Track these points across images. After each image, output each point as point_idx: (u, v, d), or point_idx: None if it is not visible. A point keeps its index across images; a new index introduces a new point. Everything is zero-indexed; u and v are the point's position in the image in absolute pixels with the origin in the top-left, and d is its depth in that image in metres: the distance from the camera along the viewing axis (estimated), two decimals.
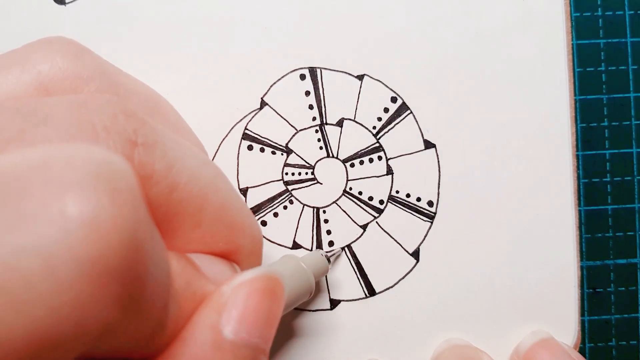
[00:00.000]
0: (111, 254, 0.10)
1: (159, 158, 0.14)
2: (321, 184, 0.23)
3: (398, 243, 0.23)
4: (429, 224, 0.23)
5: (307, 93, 0.23)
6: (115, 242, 0.10)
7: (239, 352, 0.13)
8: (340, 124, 0.23)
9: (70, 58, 0.16)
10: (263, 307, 0.14)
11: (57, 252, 0.09)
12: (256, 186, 0.23)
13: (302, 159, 0.23)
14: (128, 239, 0.10)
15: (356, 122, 0.23)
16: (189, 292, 0.14)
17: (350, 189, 0.23)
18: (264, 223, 0.23)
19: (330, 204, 0.23)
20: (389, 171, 0.23)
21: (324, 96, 0.23)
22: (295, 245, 0.23)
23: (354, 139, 0.23)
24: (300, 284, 0.20)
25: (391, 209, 0.23)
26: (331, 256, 0.23)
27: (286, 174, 0.23)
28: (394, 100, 0.23)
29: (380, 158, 0.23)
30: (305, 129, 0.23)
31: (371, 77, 0.23)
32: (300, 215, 0.23)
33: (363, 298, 0.23)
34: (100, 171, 0.10)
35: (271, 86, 0.23)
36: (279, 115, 0.23)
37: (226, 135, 0.23)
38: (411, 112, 0.23)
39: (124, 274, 0.10)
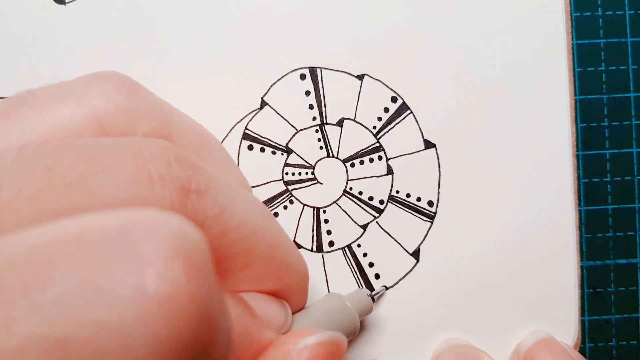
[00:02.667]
0: (186, 331, 0.10)
1: (211, 203, 0.14)
2: (321, 184, 0.23)
3: (398, 243, 0.23)
4: (429, 224, 0.23)
5: (307, 93, 0.23)
6: (192, 319, 0.10)
7: None
8: (340, 123, 0.23)
9: (126, 94, 0.16)
10: None
11: (134, 330, 0.10)
12: (256, 186, 0.23)
13: (302, 158, 0.23)
14: (203, 315, 0.10)
15: (356, 122, 0.23)
16: (247, 341, 0.14)
17: (351, 188, 0.23)
18: None
19: (330, 204, 0.23)
20: (389, 171, 0.23)
21: (324, 96, 0.23)
22: (295, 245, 0.23)
23: (354, 139, 0.23)
24: (346, 325, 0.20)
25: (391, 209, 0.23)
26: (375, 295, 0.22)
27: (286, 173, 0.23)
28: (394, 100, 0.23)
29: (380, 158, 0.23)
30: (305, 128, 0.23)
31: (371, 77, 0.23)
32: (301, 215, 0.23)
33: None
34: (178, 244, 0.11)
35: (271, 86, 0.23)
36: (279, 115, 0.23)
37: (226, 135, 0.23)
38: (411, 112, 0.23)
39: (196, 347, 0.10)
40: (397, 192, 0.23)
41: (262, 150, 0.23)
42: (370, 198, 0.23)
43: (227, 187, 0.15)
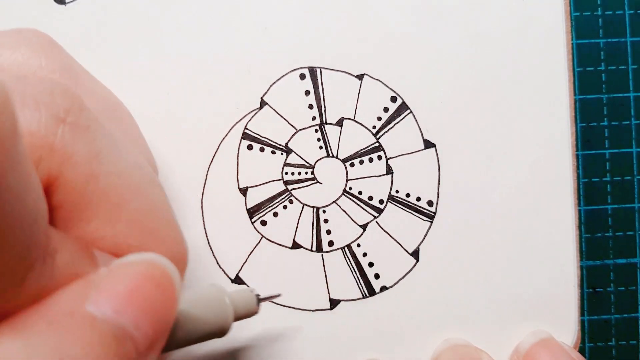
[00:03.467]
0: None
1: (85, 142, 0.14)
2: (321, 183, 0.23)
3: (398, 243, 0.23)
4: (429, 223, 0.23)
5: (307, 93, 0.23)
6: None
7: (96, 326, 0.12)
8: (340, 123, 0.23)
9: (36, 48, 0.16)
10: (140, 290, 0.13)
11: None
12: (256, 186, 0.23)
13: (302, 158, 0.23)
14: None
15: (356, 121, 0.23)
16: (70, 270, 0.13)
17: (350, 188, 0.23)
18: (263, 223, 0.23)
19: (330, 204, 0.23)
20: (389, 171, 0.23)
21: (323, 96, 0.23)
22: (295, 245, 0.23)
23: (354, 139, 0.23)
24: (212, 316, 0.17)
25: (391, 209, 0.23)
26: (264, 299, 0.20)
27: (286, 173, 0.23)
28: (393, 99, 0.23)
29: (380, 158, 0.23)
30: (305, 128, 0.23)
31: (371, 77, 0.23)
32: (300, 215, 0.23)
33: (362, 298, 0.23)
34: None
35: (271, 86, 0.23)
36: (279, 114, 0.23)
37: (226, 135, 0.23)
38: (411, 112, 0.23)
39: None
40: (397, 191, 0.23)
41: (262, 150, 0.23)
42: (370, 198, 0.23)
43: (113, 141, 0.15)
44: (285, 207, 0.23)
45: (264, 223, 0.23)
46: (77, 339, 0.12)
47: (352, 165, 0.23)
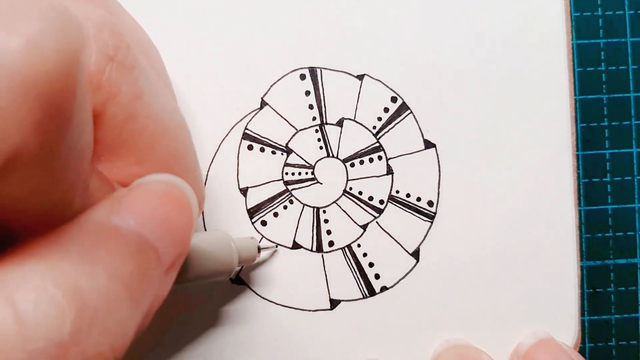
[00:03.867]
0: (43, 76, 0.10)
1: (130, 82, 0.14)
2: (321, 183, 0.23)
3: (398, 243, 0.23)
4: (429, 223, 0.23)
5: (307, 93, 0.23)
6: (52, 66, 0.10)
7: (122, 237, 0.13)
8: (340, 123, 0.23)
9: None
10: (160, 207, 0.14)
11: None
12: (256, 186, 0.23)
13: (302, 158, 0.23)
14: (65, 70, 0.10)
15: (356, 122, 0.23)
16: (98, 197, 0.14)
17: (350, 188, 0.23)
18: (264, 223, 0.23)
19: (330, 204, 0.23)
20: (389, 171, 0.23)
21: (324, 96, 0.23)
22: (295, 245, 0.23)
23: (354, 139, 0.23)
24: (220, 255, 0.19)
25: (391, 209, 0.23)
26: (264, 248, 0.22)
27: (286, 173, 0.23)
28: (394, 100, 0.23)
29: (380, 158, 0.23)
30: (305, 128, 0.23)
31: (371, 77, 0.23)
32: (300, 215, 0.23)
33: (363, 298, 0.23)
34: (57, 10, 0.11)
35: (271, 86, 0.23)
36: (279, 115, 0.23)
37: (226, 135, 0.23)
38: (411, 112, 0.23)
39: (50, 99, 0.10)
40: (397, 192, 0.23)
41: (262, 150, 0.23)
42: (370, 198, 0.23)
43: (154, 82, 0.15)
44: (285, 207, 0.23)
45: (264, 223, 0.23)
46: (105, 247, 0.13)
47: (352, 165, 0.23)
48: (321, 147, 0.23)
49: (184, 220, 0.15)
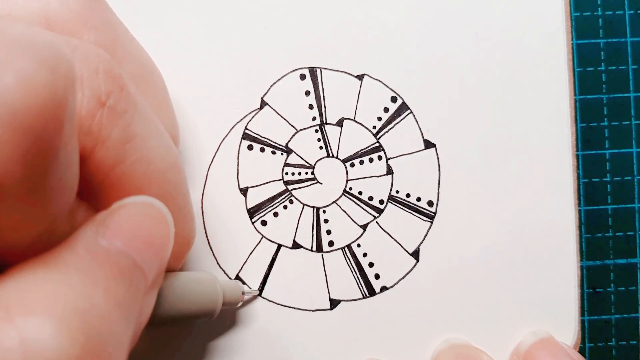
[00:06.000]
0: (33, 110, 0.10)
1: (121, 127, 0.14)
2: (321, 183, 0.23)
3: (398, 243, 0.23)
4: (429, 223, 0.23)
5: (307, 93, 0.23)
6: (41, 102, 0.10)
7: (113, 258, 0.13)
8: (340, 123, 0.23)
9: (82, 1, 0.16)
10: (142, 227, 0.14)
11: None
12: (256, 186, 0.23)
13: (302, 158, 0.23)
14: (53, 106, 0.11)
15: (356, 121, 0.23)
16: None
17: (350, 188, 0.23)
18: (264, 223, 0.23)
19: (330, 204, 0.23)
20: (389, 171, 0.23)
21: (324, 96, 0.23)
22: (295, 245, 0.23)
23: (354, 139, 0.23)
24: (204, 296, 0.20)
25: (391, 209, 0.23)
26: (247, 293, 0.23)
27: (286, 173, 0.23)
28: (394, 100, 0.23)
29: (380, 158, 0.23)
30: (305, 128, 0.23)
31: (371, 77, 0.23)
32: (300, 215, 0.23)
33: (363, 298, 0.23)
34: (49, 48, 0.11)
35: (271, 86, 0.23)
36: (279, 115, 0.23)
37: (226, 135, 0.23)
38: (411, 112, 0.23)
39: (37, 133, 0.11)
40: (397, 192, 0.23)
41: (262, 150, 0.23)
42: (370, 198, 0.23)
43: (147, 123, 0.16)
44: (285, 207, 0.23)
45: (264, 223, 0.23)
46: (100, 269, 0.13)
47: (352, 165, 0.23)
48: (321, 147, 0.23)
49: (163, 238, 0.15)
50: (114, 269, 0.13)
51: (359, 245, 0.23)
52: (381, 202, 0.23)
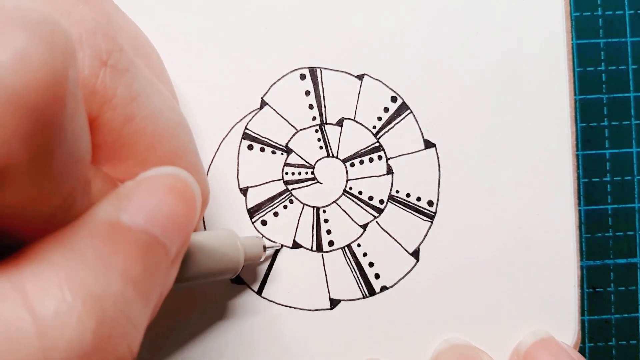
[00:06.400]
0: (31, 89, 0.10)
1: (124, 85, 0.14)
2: (321, 183, 0.23)
3: (398, 243, 0.23)
4: (429, 223, 0.23)
5: (307, 93, 0.23)
6: (40, 79, 0.10)
7: (133, 237, 0.13)
8: (340, 123, 0.23)
9: None
10: (166, 201, 0.14)
11: None
12: (256, 186, 0.23)
13: (302, 158, 0.23)
14: (53, 83, 0.10)
15: (356, 121, 0.23)
16: (101, 198, 0.14)
17: (350, 188, 0.23)
18: (264, 222, 0.23)
19: (330, 204, 0.23)
20: (389, 171, 0.23)
21: (324, 96, 0.23)
22: (295, 245, 0.23)
23: (354, 139, 0.23)
24: (227, 253, 0.19)
25: (391, 209, 0.23)
26: (269, 247, 0.23)
27: (286, 173, 0.23)
28: (394, 99, 0.23)
29: (380, 158, 0.23)
30: (305, 128, 0.23)
31: (371, 77, 0.23)
32: (300, 214, 0.23)
33: (363, 298, 0.23)
34: (45, 22, 0.11)
35: (271, 86, 0.23)
36: (279, 115, 0.23)
37: (226, 135, 0.23)
38: (411, 112, 0.23)
39: (38, 112, 0.10)
40: (397, 191, 0.23)
41: (262, 150, 0.23)
42: (370, 198, 0.23)
43: (149, 81, 0.15)
44: (285, 207, 0.23)
45: (264, 223, 0.23)
46: (117, 248, 0.13)
47: (352, 165, 0.23)
48: (321, 147, 0.23)
49: (188, 212, 0.15)
50: (133, 248, 0.13)
51: (359, 245, 0.23)
52: (381, 202, 0.23)
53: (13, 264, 0.12)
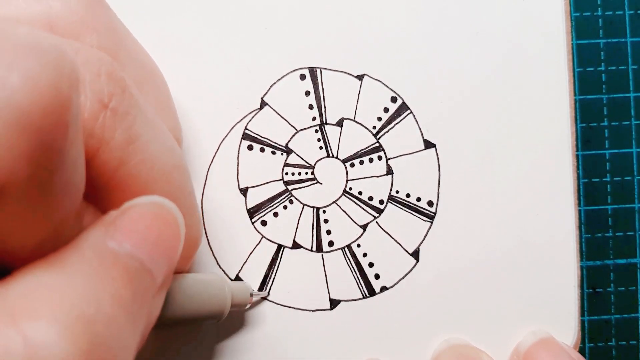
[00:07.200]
0: (38, 111, 0.10)
1: (123, 128, 0.14)
2: (321, 183, 0.23)
3: (398, 243, 0.23)
4: (429, 224, 0.23)
5: (307, 93, 0.23)
6: (47, 101, 0.11)
7: (121, 261, 0.13)
8: (340, 123, 0.23)
9: (84, 4, 0.16)
10: (152, 228, 0.14)
11: None
12: (256, 186, 0.23)
13: (302, 158, 0.23)
14: (58, 105, 0.11)
15: (356, 122, 0.23)
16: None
17: (350, 188, 0.23)
18: (264, 223, 0.23)
19: (330, 204, 0.23)
20: (389, 171, 0.23)
21: (324, 96, 0.23)
22: (295, 245, 0.23)
23: (354, 139, 0.23)
24: (213, 298, 0.20)
25: (391, 209, 0.23)
26: (256, 294, 0.23)
27: (286, 173, 0.23)
28: (394, 100, 0.23)
29: (380, 158, 0.23)
30: (305, 128, 0.23)
31: (371, 77, 0.23)
32: (300, 215, 0.23)
33: (362, 298, 0.23)
34: (53, 50, 0.11)
35: (271, 86, 0.23)
36: (279, 115, 0.23)
37: (226, 135, 0.23)
38: (411, 112, 0.23)
39: (43, 133, 0.11)
40: (397, 192, 0.23)
41: (262, 150, 0.23)
42: (370, 198, 0.23)
43: (150, 124, 0.16)
44: (285, 207, 0.23)
45: (264, 223, 0.23)
46: (106, 273, 0.13)
47: (352, 165, 0.23)
48: (321, 147, 0.23)
49: (173, 239, 0.15)
50: (121, 272, 0.13)
51: (359, 245, 0.23)
52: (381, 202, 0.23)
53: (1, 284, 0.12)
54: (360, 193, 0.23)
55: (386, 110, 0.23)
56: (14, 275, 0.12)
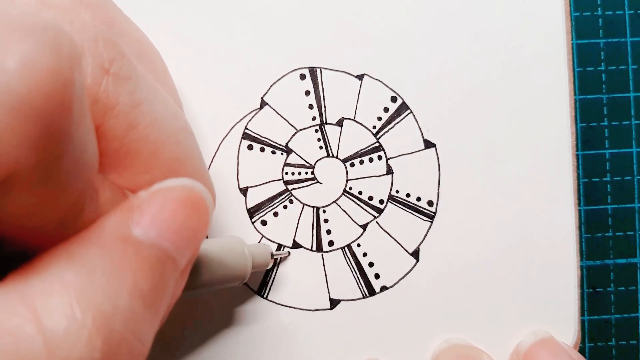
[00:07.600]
0: (38, 95, 0.10)
1: (127, 93, 0.14)
2: (321, 183, 0.23)
3: (398, 243, 0.23)
4: (429, 223, 0.23)
5: (307, 93, 0.23)
6: (47, 85, 0.10)
7: (144, 251, 0.13)
8: (340, 123, 0.23)
9: None
10: (180, 215, 0.14)
11: None
12: (256, 186, 0.23)
13: (302, 158, 0.23)
14: (59, 88, 0.10)
15: (356, 121, 0.23)
16: (109, 208, 0.14)
17: (350, 188, 0.23)
18: (264, 222, 0.23)
19: (330, 204, 0.23)
20: (389, 171, 0.23)
21: (323, 96, 0.23)
22: (295, 245, 0.23)
23: (354, 139, 0.23)
24: (235, 261, 0.19)
25: (391, 209, 0.23)
26: (277, 254, 0.23)
27: (286, 173, 0.23)
28: (394, 99, 0.23)
29: (380, 158, 0.23)
30: (305, 128, 0.23)
31: (371, 77, 0.23)
32: (300, 214, 0.23)
33: (362, 298, 0.23)
34: (50, 29, 0.11)
35: (271, 86, 0.23)
36: (279, 115, 0.23)
37: (226, 135, 0.23)
38: (411, 112, 0.23)
39: (46, 118, 0.10)
40: (397, 191, 0.23)
41: (262, 150, 0.23)
42: (370, 198, 0.23)
43: (151, 88, 0.15)
44: (285, 207, 0.23)
45: (264, 223, 0.23)
46: (128, 264, 0.13)
47: (352, 165, 0.23)
48: (321, 147, 0.23)
49: (200, 225, 0.15)
50: (143, 263, 0.13)
51: (359, 245, 0.23)
52: (381, 202, 0.23)
53: (22, 277, 0.12)
54: (360, 193, 0.23)
55: (386, 110, 0.23)
56: (34, 266, 0.12)
